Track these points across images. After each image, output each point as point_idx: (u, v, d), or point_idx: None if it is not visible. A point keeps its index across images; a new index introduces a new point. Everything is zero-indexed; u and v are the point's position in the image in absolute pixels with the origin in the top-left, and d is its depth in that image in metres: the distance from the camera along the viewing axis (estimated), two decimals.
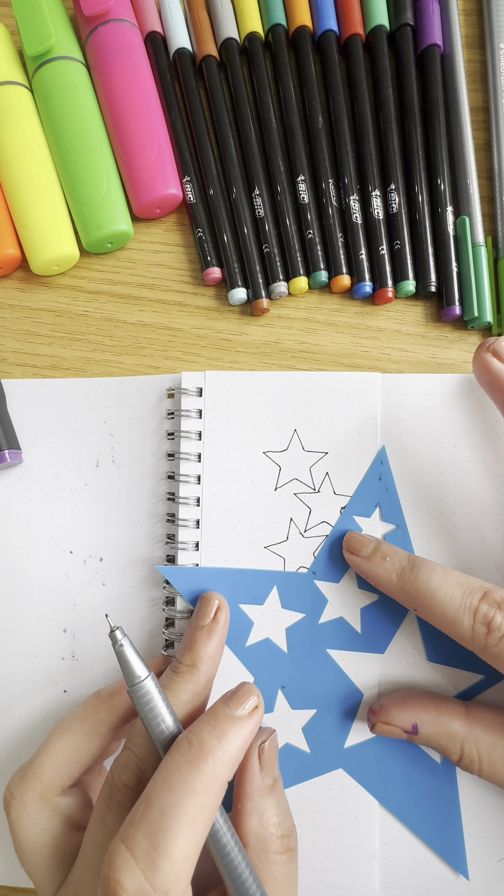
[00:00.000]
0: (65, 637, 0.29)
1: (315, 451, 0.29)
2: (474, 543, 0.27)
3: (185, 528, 0.28)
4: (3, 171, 0.32)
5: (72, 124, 0.31)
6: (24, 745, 0.29)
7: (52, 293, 0.33)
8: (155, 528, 0.29)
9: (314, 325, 0.32)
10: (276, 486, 0.29)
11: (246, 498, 0.29)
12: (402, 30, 0.32)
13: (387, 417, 0.29)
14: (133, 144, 0.31)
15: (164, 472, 0.30)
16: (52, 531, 0.30)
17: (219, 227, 0.32)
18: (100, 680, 0.29)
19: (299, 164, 0.32)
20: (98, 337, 0.32)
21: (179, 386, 0.30)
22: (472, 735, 0.23)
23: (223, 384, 0.29)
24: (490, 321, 0.30)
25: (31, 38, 0.31)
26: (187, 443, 0.29)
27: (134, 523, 0.30)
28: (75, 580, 0.30)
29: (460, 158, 0.31)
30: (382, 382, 0.29)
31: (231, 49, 0.33)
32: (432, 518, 0.27)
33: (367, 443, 0.28)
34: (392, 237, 0.31)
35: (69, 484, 0.30)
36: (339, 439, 0.29)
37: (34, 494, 0.30)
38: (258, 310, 0.31)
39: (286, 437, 0.29)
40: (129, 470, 0.30)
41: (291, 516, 0.28)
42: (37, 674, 0.29)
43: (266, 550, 0.28)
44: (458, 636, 0.23)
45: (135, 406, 0.30)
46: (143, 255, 0.33)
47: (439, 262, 0.31)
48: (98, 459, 0.30)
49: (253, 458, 0.29)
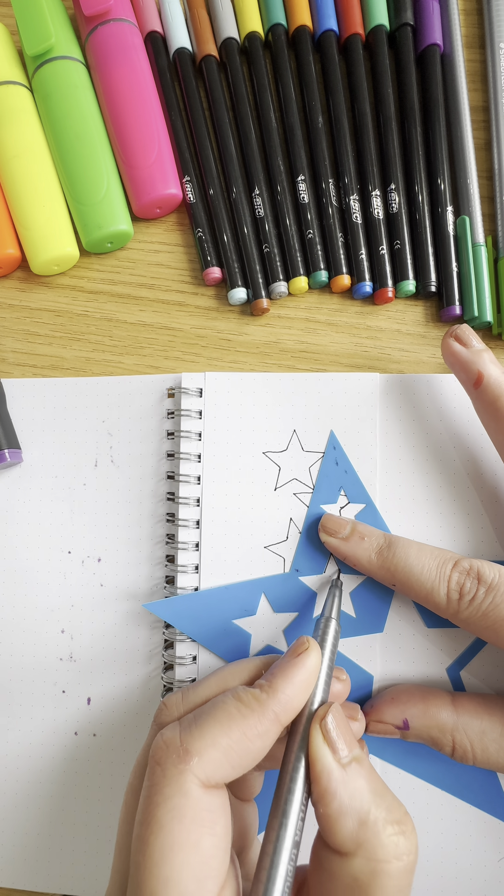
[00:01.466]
0: (63, 637, 0.29)
1: (314, 451, 0.29)
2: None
3: (185, 528, 0.28)
4: (3, 170, 0.32)
5: (72, 124, 0.31)
6: (23, 746, 0.29)
7: (51, 293, 0.33)
8: (154, 528, 0.29)
9: (314, 325, 0.32)
10: (275, 486, 0.29)
11: (246, 498, 0.29)
12: (402, 29, 0.32)
13: (386, 417, 0.29)
14: (133, 144, 0.31)
15: (164, 472, 0.30)
16: (51, 531, 0.30)
17: (219, 226, 0.32)
18: (97, 680, 0.29)
19: (299, 164, 0.32)
20: (98, 337, 0.32)
21: (180, 386, 0.30)
22: (461, 723, 0.24)
23: (223, 385, 0.29)
24: (490, 321, 0.30)
25: (31, 37, 0.31)
26: (187, 443, 0.29)
27: (133, 523, 0.30)
28: (73, 580, 0.30)
29: (460, 158, 0.31)
30: (381, 383, 0.29)
31: (231, 49, 0.33)
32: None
33: (366, 443, 0.28)
34: (392, 237, 0.31)
35: (67, 484, 0.30)
36: (338, 440, 0.29)
37: (32, 494, 0.30)
38: (258, 310, 0.31)
39: (286, 437, 0.29)
40: (128, 470, 0.30)
41: (291, 516, 0.28)
42: (35, 674, 0.29)
43: (266, 550, 0.28)
44: (435, 605, 0.24)
45: (134, 406, 0.30)
46: (143, 255, 0.33)
47: (439, 262, 0.31)
48: (97, 459, 0.30)
49: (253, 458, 0.29)
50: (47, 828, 0.28)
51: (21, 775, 0.29)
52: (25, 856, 0.28)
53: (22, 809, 0.28)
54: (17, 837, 0.28)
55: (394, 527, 0.28)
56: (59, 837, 0.28)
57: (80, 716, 0.29)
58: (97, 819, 0.28)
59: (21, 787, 0.29)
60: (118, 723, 0.28)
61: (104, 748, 0.28)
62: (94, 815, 0.28)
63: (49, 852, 0.28)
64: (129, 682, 0.29)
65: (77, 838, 0.28)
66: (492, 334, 0.31)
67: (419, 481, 0.28)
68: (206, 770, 0.19)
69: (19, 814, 0.28)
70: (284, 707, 0.20)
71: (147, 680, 0.28)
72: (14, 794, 0.29)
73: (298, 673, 0.21)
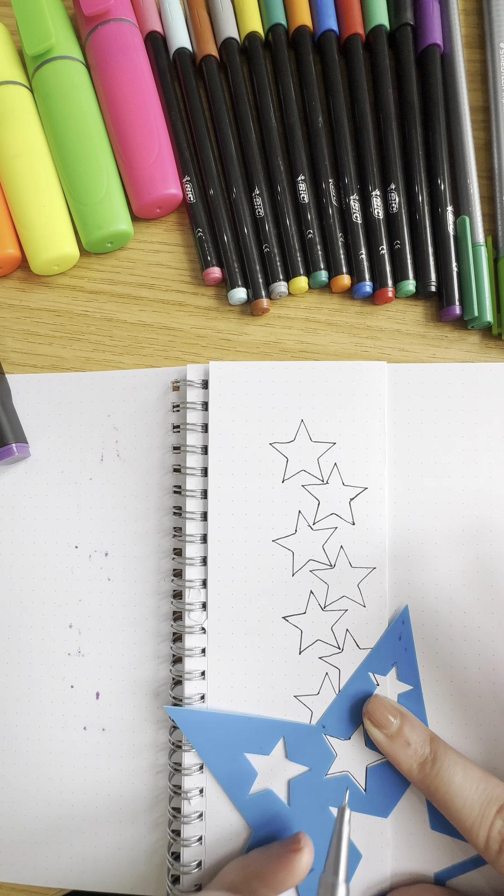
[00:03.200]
0: (70, 632, 0.30)
1: (323, 441, 0.28)
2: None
3: (192, 521, 0.28)
4: (4, 170, 0.32)
5: (72, 124, 0.31)
6: (32, 741, 0.29)
7: (52, 293, 0.33)
8: (161, 522, 0.30)
9: (314, 324, 0.32)
10: (283, 477, 0.28)
11: (253, 490, 0.28)
12: (403, 29, 0.32)
13: (394, 407, 0.28)
14: (133, 144, 0.31)
15: (170, 465, 0.30)
16: (57, 526, 0.30)
17: (219, 226, 0.32)
18: (106, 675, 0.29)
19: (299, 164, 0.32)
20: (98, 337, 0.32)
21: (184, 378, 0.30)
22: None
23: (228, 375, 0.29)
24: (490, 321, 0.30)
25: (31, 37, 0.31)
26: (193, 435, 0.29)
27: (139, 517, 0.30)
28: (80, 575, 0.30)
29: (460, 158, 0.32)
30: (390, 371, 0.29)
31: (231, 49, 0.33)
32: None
33: (375, 432, 0.28)
34: (392, 237, 0.31)
35: (74, 479, 0.31)
36: (346, 429, 0.28)
37: (39, 489, 0.31)
38: (258, 310, 0.32)
39: (293, 427, 0.29)
40: (134, 464, 0.30)
41: (300, 508, 0.28)
42: (43, 669, 0.29)
43: (274, 544, 0.28)
44: (472, 843, 0.23)
45: (139, 399, 0.31)
46: (144, 255, 0.33)
47: (439, 262, 0.31)
48: (103, 453, 0.31)
49: (259, 449, 0.29)
50: (55, 822, 0.29)
51: (30, 770, 0.29)
52: (32, 851, 0.29)
53: (31, 804, 0.29)
54: (23, 832, 0.29)
55: (404, 516, 0.27)
56: (67, 833, 0.28)
57: (88, 711, 0.29)
58: (105, 814, 0.28)
59: (30, 783, 0.29)
60: (127, 717, 0.29)
61: (113, 743, 0.29)
62: (102, 811, 0.28)
63: (57, 847, 0.28)
64: (138, 677, 0.29)
65: (85, 834, 0.28)
66: (492, 334, 0.31)
67: (427, 471, 0.28)
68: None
69: (27, 808, 0.29)
70: None
71: (156, 673, 0.29)
72: (24, 790, 0.29)
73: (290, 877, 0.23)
